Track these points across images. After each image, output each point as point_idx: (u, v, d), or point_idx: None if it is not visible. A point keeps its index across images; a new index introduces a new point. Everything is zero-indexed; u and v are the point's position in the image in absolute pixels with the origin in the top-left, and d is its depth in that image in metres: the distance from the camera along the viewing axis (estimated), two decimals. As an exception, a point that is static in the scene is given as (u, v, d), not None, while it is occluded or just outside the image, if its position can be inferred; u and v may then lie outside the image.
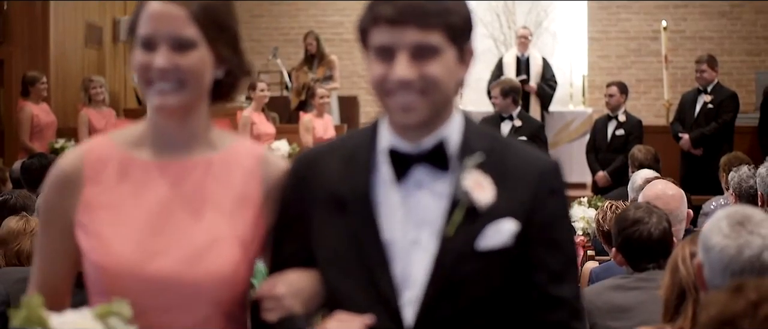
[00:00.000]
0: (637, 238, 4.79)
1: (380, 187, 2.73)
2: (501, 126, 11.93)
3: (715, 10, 18.07)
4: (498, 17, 17.93)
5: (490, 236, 2.68)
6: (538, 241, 2.72)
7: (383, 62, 2.66)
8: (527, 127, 12.04)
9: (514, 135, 11.49)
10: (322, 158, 2.85)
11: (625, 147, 12.07)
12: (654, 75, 17.84)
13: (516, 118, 12.10)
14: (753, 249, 3.12)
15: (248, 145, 3.04)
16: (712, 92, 12.65)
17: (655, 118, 17.27)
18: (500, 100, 12.07)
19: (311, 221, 2.79)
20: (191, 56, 2.80)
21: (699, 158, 12.49)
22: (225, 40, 2.88)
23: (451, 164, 2.71)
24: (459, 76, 2.72)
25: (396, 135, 2.74)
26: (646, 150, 10.21)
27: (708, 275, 3.19)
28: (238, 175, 2.91)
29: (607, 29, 18.25)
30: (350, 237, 2.72)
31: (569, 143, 15.68)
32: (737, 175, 7.51)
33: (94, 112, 13.32)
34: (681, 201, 5.47)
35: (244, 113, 13.34)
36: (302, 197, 2.81)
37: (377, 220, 2.71)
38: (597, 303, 4.80)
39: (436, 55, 2.63)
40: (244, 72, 2.98)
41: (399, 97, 2.64)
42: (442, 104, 2.68)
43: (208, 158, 2.91)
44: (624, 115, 12.88)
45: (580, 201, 8.52)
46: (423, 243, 2.69)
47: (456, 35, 2.67)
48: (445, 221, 2.69)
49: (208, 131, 2.95)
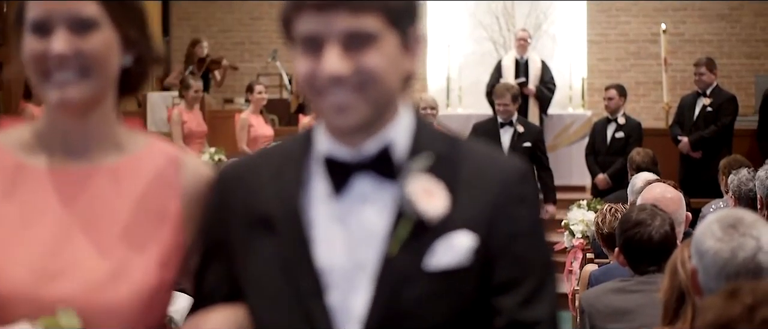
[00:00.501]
0: (638, 240, 4.79)
1: (314, 202, 2.30)
2: (500, 133, 11.85)
3: (714, 13, 18.07)
4: (497, 20, 17.93)
5: (441, 254, 2.23)
6: (503, 258, 2.27)
7: (311, 55, 2.22)
8: (529, 133, 11.97)
9: (517, 141, 11.70)
10: (249, 170, 2.41)
11: (625, 150, 12.06)
12: (653, 78, 17.83)
13: (517, 123, 11.96)
14: (747, 250, 3.12)
15: (164, 148, 2.57)
16: (711, 95, 12.64)
17: (654, 121, 17.26)
18: (511, 106, 11.89)
19: (236, 246, 2.36)
20: (94, 38, 2.36)
21: (698, 161, 12.48)
22: (132, 20, 2.44)
23: (400, 172, 2.29)
24: (405, 67, 2.30)
25: (333, 141, 2.30)
26: (644, 153, 10.21)
27: (703, 279, 3.18)
28: (150, 184, 2.48)
29: (607, 32, 18.25)
30: (280, 263, 2.29)
31: (568, 145, 15.66)
32: (737, 178, 7.51)
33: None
34: (680, 204, 5.47)
35: (241, 115, 13.36)
36: (226, 218, 2.38)
37: (310, 242, 2.28)
38: (597, 306, 4.80)
39: (374, 44, 2.21)
40: (154, 59, 2.54)
41: (331, 96, 2.21)
42: (385, 101, 2.26)
43: (114, 164, 2.48)
44: (623, 117, 12.88)
45: (579, 204, 8.54)
46: (368, 267, 2.25)
47: (397, 18, 2.25)
48: (387, 238, 2.26)
49: (115, 131, 2.52)
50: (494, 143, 10.72)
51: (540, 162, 11.64)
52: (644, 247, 4.78)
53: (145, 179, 2.47)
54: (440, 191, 2.26)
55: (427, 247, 2.24)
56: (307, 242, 2.28)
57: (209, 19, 18.60)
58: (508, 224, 2.27)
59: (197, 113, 13.37)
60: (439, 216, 2.24)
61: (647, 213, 4.85)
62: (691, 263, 3.25)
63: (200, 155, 12.93)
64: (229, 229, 2.37)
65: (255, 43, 18.49)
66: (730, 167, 8.68)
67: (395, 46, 2.25)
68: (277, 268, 2.29)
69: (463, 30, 18.01)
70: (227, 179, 2.43)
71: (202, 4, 18.64)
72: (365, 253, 2.26)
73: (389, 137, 2.29)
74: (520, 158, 2.40)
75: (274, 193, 2.33)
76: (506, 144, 11.64)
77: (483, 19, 17.89)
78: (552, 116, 15.72)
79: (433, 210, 2.24)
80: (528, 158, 11.07)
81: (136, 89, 2.56)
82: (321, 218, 2.29)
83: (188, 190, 2.48)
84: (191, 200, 2.48)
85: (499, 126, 11.88)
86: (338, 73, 2.18)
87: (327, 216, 2.29)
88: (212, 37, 18.33)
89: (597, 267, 6.41)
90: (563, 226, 8.57)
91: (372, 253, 2.25)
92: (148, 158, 2.51)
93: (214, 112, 14.71)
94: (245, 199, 2.36)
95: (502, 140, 11.71)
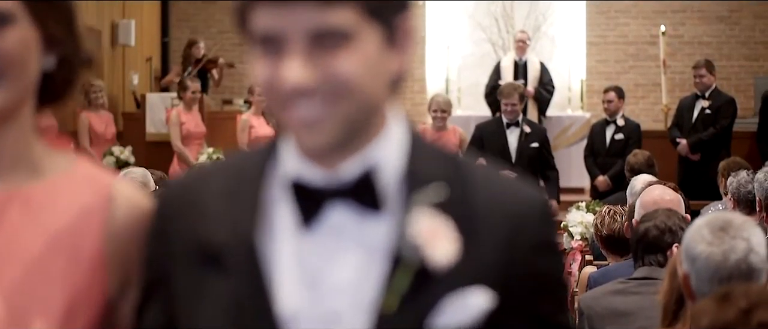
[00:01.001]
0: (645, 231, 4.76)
1: (276, 236, 1.84)
2: (507, 134, 11.73)
3: (713, 15, 18.07)
4: (496, 21, 17.93)
5: (450, 313, 1.78)
6: (520, 317, 1.84)
7: (270, 58, 1.76)
8: (536, 133, 11.88)
9: (524, 142, 11.64)
10: (197, 190, 1.92)
11: (624, 151, 12.06)
12: (652, 80, 17.83)
13: (523, 124, 11.82)
14: (738, 252, 3.13)
15: (92, 174, 2.11)
16: (710, 97, 12.65)
17: (653, 123, 17.25)
18: (519, 105, 11.77)
19: (179, 284, 1.89)
20: (9, 36, 1.94)
21: (697, 164, 12.49)
22: (56, 15, 2.02)
23: (387, 202, 1.82)
24: (390, 67, 1.81)
25: (303, 160, 1.84)
26: (640, 155, 10.21)
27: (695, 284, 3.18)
28: (67, 216, 2.01)
29: (606, 34, 18.25)
30: (231, 310, 1.82)
31: (567, 147, 15.66)
32: (736, 180, 7.51)
33: (93, 115, 13.36)
34: (679, 206, 5.45)
35: (242, 116, 13.37)
36: (168, 250, 1.91)
37: (269, 285, 1.81)
38: (596, 308, 4.79)
39: (347, 43, 1.74)
40: (82, 62, 2.10)
41: (297, 110, 1.75)
42: (365, 113, 1.79)
43: (26, 190, 2.02)
44: (622, 119, 12.89)
45: (578, 206, 8.54)
46: (345, 319, 1.79)
47: (377, 8, 1.77)
48: (381, 288, 1.79)
49: (31, 150, 2.08)
50: (500, 144, 11.50)
51: (547, 162, 11.64)
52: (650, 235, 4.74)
53: (61, 210, 2.01)
54: (447, 232, 1.79)
55: (433, 304, 1.78)
56: (266, 285, 1.81)
57: (208, 20, 18.59)
58: (529, 280, 1.85)
59: (196, 114, 13.37)
60: (447, 266, 1.78)
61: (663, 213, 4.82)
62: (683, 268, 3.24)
63: (199, 156, 12.95)
64: (172, 263, 1.90)
65: (254, 45, 18.49)
66: (729, 169, 8.69)
67: (376, 43, 1.77)
68: (227, 315, 1.82)
69: (462, 31, 18.01)
70: (170, 202, 1.95)
71: (201, 5, 18.63)
72: (340, 302, 1.80)
73: (374, 158, 1.82)
74: (535, 189, 1.93)
75: (225, 221, 1.85)
76: (513, 145, 11.60)
77: (482, 21, 17.89)
78: (551, 117, 15.73)
79: (441, 257, 1.77)
80: (536, 158, 11.50)
81: (60, 98, 2.13)
82: (284, 256, 1.83)
83: (116, 227, 2.02)
84: (120, 239, 2.02)
85: (505, 127, 11.73)
86: (302, 84, 1.73)
87: (292, 253, 1.83)
88: (211, 38, 18.31)
89: (596, 269, 6.40)
90: (562, 228, 8.57)
91: (349, 302, 1.80)
92: (68, 184, 2.06)
93: (212, 113, 14.71)
94: (191, 227, 1.88)
95: (508, 140, 11.63)
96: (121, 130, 14.52)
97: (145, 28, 17.45)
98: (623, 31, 18.23)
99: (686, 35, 18.06)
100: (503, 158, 11.19)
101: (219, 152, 12.97)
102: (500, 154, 11.27)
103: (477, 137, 11.86)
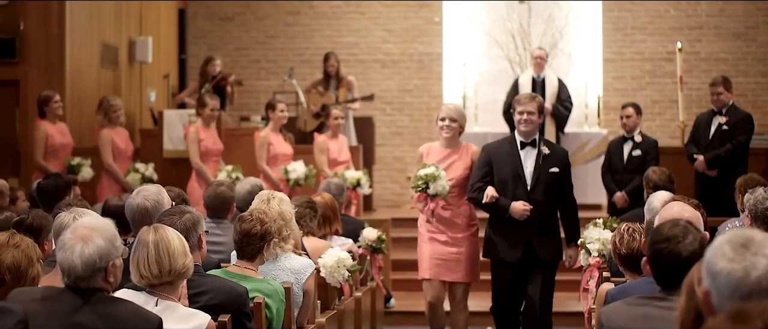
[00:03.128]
0: (667, 255, 4.75)
1: None
2: (521, 155, 9.63)
3: (729, 31, 18.06)
4: (513, 38, 17.95)
5: None
6: None
7: None
8: (556, 155, 9.81)
9: (542, 166, 9.62)
10: None
11: (642, 167, 12.04)
12: (669, 96, 17.84)
13: (541, 143, 9.72)
14: (759, 269, 3.12)
15: None
16: (726, 114, 12.62)
17: (669, 139, 17.25)
18: (536, 116, 9.63)
19: None
20: None
21: (714, 180, 12.46)
22: None
23: None
24: None
25: None
26: (660, 171, 10.18)
27: (716, 300, 3.17)
28: None
29: (622, 50, 18.25)
30: None
31: (584, 164, 15.68)
32: (753, 197, 7.49)
33: (114, 132, 13.43)
34: (697, 223, 5.44)
35: (261, 133, 13.38)
36: None
37: None
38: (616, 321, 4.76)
39: None
40: None
41: None
42: None
43: None
44: (640, 135, 12.88)
45: (596, 223, 8.52)
46: None
47: None
48: None
49: None
50: (513, 167, 9.59)
51: (565, 195, 9.79)
52: (671, 263, 4.74)
53: None
54: None
55: None
56: None
57: (225, 37, 18.65)
58: None
59: (213, 131, 13.40)
60: None
61: (680, 229, 4.81)
62: (703, 285, 3.24)
63: (217, 173, 12.97)
64: None
65: (271, 61, 18.53)
66: (746, 185, 8.68)
67: None
68: None
69: (479, 49, 18.04)
70: None
71: (218, 22, 18.69)
72: None
73: None
74: None
75: None
76: (529, 169, 9.63)
77: (499, 38, 17.91)
78: (568, 134, 15.76)
79: None
80: (554, 186, 9.64)
81: None
82: None
83: None
84: None
85: (519, 146, 9.69)
86: None
87: None
88: (228, 55, 18.38)
89: (613, 285, 6.39)
90: (579, 245, 8.56)
91: None
92: None
93: (229, 130, 14.74)
94: None
95: (523, 163, 9.65)
96: (139, 147, 14.56)
97: (163, 45, 17.50)
98: (640, 47, 18.23)
99: (703, 52, 18.06)
100: (517, 184, 9.60)
101: (238, 169, 12.98)
102: (513, 178, 9.60)
103: (485, 161, 9.81)
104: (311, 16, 18.60)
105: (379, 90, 18.11)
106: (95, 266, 4.59)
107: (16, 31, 13.99)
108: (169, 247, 5.20)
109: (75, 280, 4.62)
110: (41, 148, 12.96)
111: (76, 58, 14.43)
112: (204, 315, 5.28)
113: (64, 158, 13.17)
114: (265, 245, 6.50)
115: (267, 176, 12.98)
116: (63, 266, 4.62)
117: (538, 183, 9.58)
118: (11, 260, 5.14)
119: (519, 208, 9.48)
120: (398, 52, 18.47)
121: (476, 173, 9.84)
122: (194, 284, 5.66)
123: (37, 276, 5.25)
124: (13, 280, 5.10)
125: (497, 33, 17.96)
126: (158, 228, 5.31)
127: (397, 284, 13.61)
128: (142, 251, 5.21)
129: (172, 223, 5.70)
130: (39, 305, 4.64)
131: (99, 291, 4.66)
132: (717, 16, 18.09)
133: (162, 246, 5.20)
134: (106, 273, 4.64)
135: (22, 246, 5.22)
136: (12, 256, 5.16)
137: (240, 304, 5.82)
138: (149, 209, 6.59)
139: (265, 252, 6.55)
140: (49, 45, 14.11)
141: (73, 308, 4.61)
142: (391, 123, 18.28)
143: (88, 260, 4.58)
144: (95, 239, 4.62)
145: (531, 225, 9.55)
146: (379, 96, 17.98)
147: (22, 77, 14.07)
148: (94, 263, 4.59)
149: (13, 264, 5.13)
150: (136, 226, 6.45)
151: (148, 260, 5.18)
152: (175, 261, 5.21)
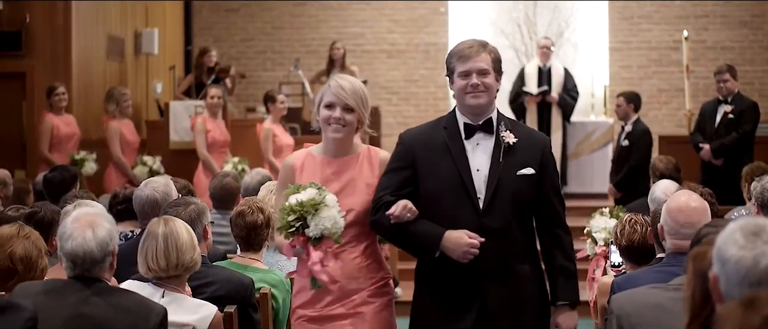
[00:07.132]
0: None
1: None
2: (467, 147, 5.26)
3: (736, 19, 18.04)
4: (519, 28, 17.94)
5: None
6: None
7: None
8: (528, 145, 5.25)
9: (503, 164, 5.25)
10: None
11: (628, 157, 12.31)
12: (675, 85, 17.82)
13: (502, 127, 5.37)
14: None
15: None
16: (732, 102, 12.60)
17: (676, 128, 17.24)
18: (493, 80, 5.49)
19: None
20: None
21: (719, 169, 12.45)
22: None
23: None
24: None
25: None
26: (666, 160, 10.19)
27: (724, 287, 3.18)
28: None
29: (629, 39, 18.24)
30: None
31: (590, 153, 15.68)
32: (759, 185, 7.47)
33: (122, 123, 13.47)
34: (705, 213, 5.40)
35: (265, 125, 13.38)
36: None
37: None
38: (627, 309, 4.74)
39: None
40: None
41: None
42: None
43: None
44: (631, 125, 13.02)
45: (602, 212, 8.51)
46: None
47: None
48: None
49: None
50: (452, 168, 5.33)
51: (548, 214, 5.53)
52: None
53: None
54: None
55: None
56: None
57: (231, 28, 18.65)
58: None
59: (220, 122, 13.42)
60: None
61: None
62: (713, 270, 3.25)
63: (224, 164, 12.98)
64: None
65: (277, 53, 18.53)
66: (752, 174, 8.67)
67: None
68: None
69: (485, 38, 17.89)
70: None
71: (224, 13, 18.70)
72: None
73: None
74: None
75: None
76: (482, 172, 5.36)
77: (505, 27, 17.90)
78: (575, 123, 15.76)
79: None
80: (525, 201, 5.41)
81: None
82: None
83: None
84: None
85: (464, 134, 5.42)
86: None
87: None
88: (234, 46, 18.39)
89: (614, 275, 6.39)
90: (586, 234, 8.56)
91: None
92: None
93: (236, 121, 14.73)
94: None
95: (471, 162, 5.36)
96: (145, 138, 14.58)
97: (169, 37, 17.51)
98: (646, 36, 18.21)
99: (709, 40, 18.04)
100: (458, 199, 5.33)
101: (245, 161, 12.99)
102: (452, 189, 5.35)
103: (403, 157, 5.45)
104: (317, 7, 18.61)
105: (385, 80, 18.14)
106: (108, 248, 4.62)
107: (23, 24, 13.99)
108: (177, 241, 5.23)
109: (88, 267, 4.62)
110: (46, 140, 12.98)
111: (82, 50, 14.43)
112: (211, 306, 5.30)
113: (71, 149, 13.17)
114: (269, 231, 6.50)
115: (274, 168, 12.98)
116: (76, 253, 4.61)
117: (496, 197, 5.33)
118: (23, 251, 5.17)
119: (461, 242, 5.24)
120: (404, 42, 18.48)
121: (387, 178, 5.46)
122: (200, 275, 5.68)
123: (45, 268, 5.27)
124: (25, 271, 5.12)
125: (503, 23, 17.94)
126: (168, 221, 5.33)
127: (404, 274, 13.62)
128: (151, 243, 5.24)
129: (176, 214, 5.72)
130: (45, 298, 4.65)
131: (101, 282, 4.68)
132: (723, 5, 18.07)
133: (171, 240, 5.22)
134: (112, 257, 4.67)
135: (33, 237, 5.25)
136: (23, 247, 5.18)
137: (246, 295, 5.84)
138: (158, 200, 6.62)
139: (268, 239, 6.55)
140: (55, 38, 14.12)
141: (78, 299, 4.62)
142: (397, 113, 18.27)
143: (101, 242, 4.61)
144: (102, 223, 4.66)
145: (485, 273, 5.33)
146: (385, 86, 17.99)
147: (28, 70, 14.07)
148: (107, 244, 4.62)
149: (25, 254, 5.16)
150: (145, 217, 6.47)
151: (157, 253, 5.21)
152: (183, 255, 5.23)
